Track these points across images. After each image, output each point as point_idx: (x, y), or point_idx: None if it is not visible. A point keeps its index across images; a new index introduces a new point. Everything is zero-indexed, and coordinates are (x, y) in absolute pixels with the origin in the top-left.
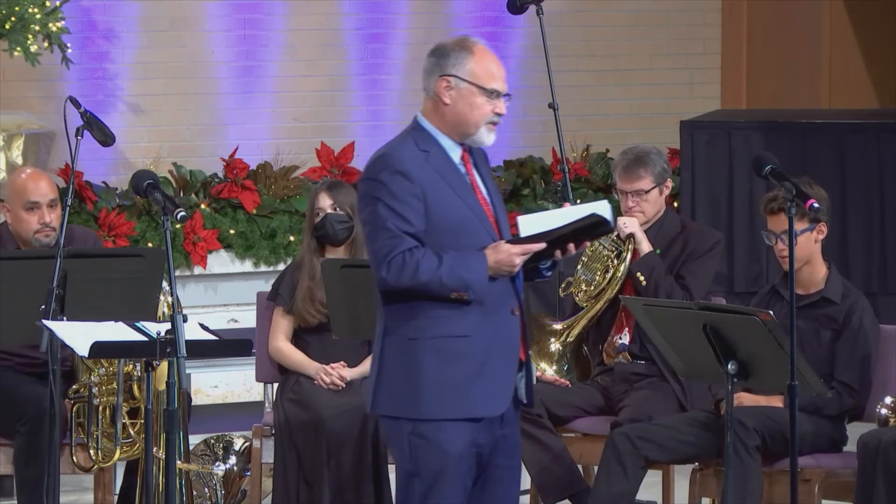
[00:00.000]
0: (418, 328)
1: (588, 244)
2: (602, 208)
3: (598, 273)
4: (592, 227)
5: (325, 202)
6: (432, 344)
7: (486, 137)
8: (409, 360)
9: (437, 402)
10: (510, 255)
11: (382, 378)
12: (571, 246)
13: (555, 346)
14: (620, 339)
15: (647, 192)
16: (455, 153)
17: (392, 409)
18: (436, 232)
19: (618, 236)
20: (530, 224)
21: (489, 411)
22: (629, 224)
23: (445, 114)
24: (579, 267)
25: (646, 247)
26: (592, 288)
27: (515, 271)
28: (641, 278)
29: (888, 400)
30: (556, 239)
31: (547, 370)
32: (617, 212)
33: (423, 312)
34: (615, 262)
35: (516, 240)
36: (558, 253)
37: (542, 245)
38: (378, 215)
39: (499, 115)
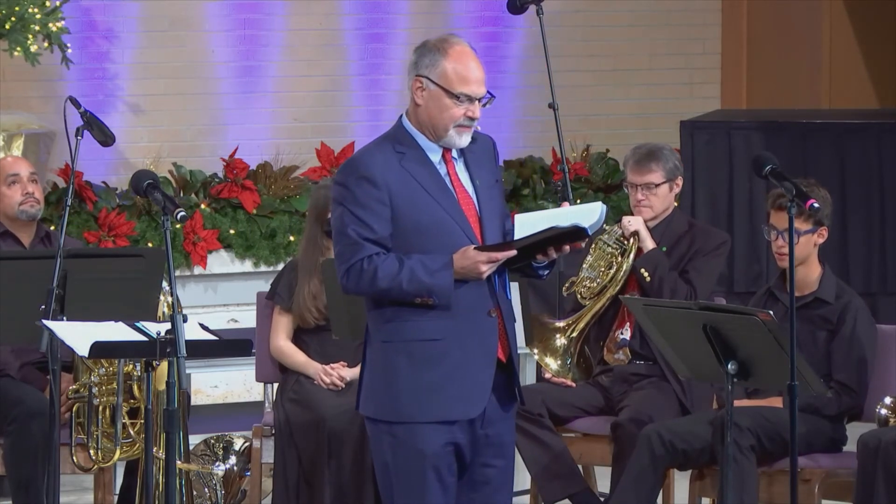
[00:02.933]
0: (392, 332)
1: (580, 246)
2: (595, 210)
3: (602, 270)
4: (568, 235)
5: None
6: (404, 347)
7: (457, 140)
8: (385, 363)
9: (411, 406)
10: (475, 263)
11: (364, 380)
12: (552, 251)
13: (560, 341)
14: (622, 334)
15: (657, 185)
16: (434, 153)
17: (371, 410)
18: (406, 234)
19: (622, 234)
20: (527, 223)
21: (463, 414)
22: (633, 222)
23: (419, 114)
24: (584, 265)
25: (649, 244)
26: (595, 285)
27: (483, 277)
28: (646, 274)
29: (888, 400)
30: (532, 245)
31: (552, 365)
32: (618, 212)
33: (397, 316)
34: (619, 259)
35: (485, 246)
36: (541, 256)
37: (512, 253)
38: (341, 221)
39: (471, 118)
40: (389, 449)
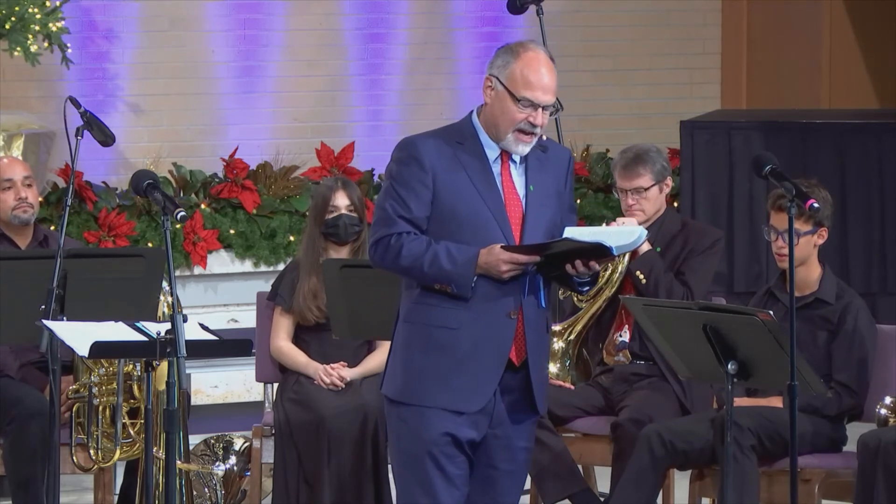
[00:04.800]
0: (414, 313)
1: (599, 267)
2: (633, 233)
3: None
4: (593, 252)
5: (343, 201)
6: (422, 331)
7: (514, 146)
8: (404, 343)
9: (418, 389)
10: (498, 261)
11: (389, 358)
12: (579, 265)
13: (558, 344)
14: (621, 336)
15: (646, 189)
16: (492, 150)
17: (386, 388)
18: (442, 220)
19: None
20: (574, 235)
21: (465, 405)
22: (627, 223)
23: (486, 112)
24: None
25: (644, 245)
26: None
27: (505, 277)
28: (641, 276)
29: (888, 400)
30: (560, 255)
31: (550, 368)
32: (618, 212)
33: (423, 300)
34: (614, 260)
35: (511, 247)
36: (571, 270)
37: (535, 258)
38: (383, 195)
39: (533, 125)
40: (395, 430)
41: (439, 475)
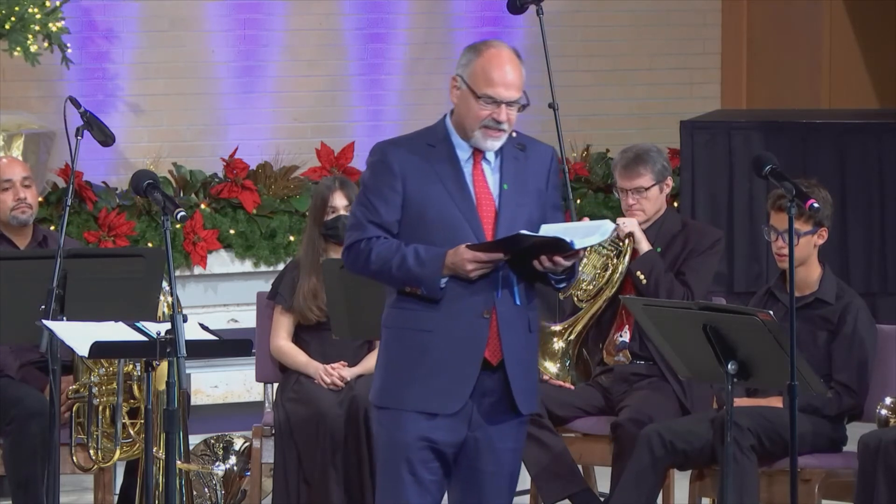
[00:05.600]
0: (392, 318)
1: (566, 263)
2: (600, 227)
3: (598, 272)
4: (554, 247)
5: (341, 202)
6: (398, 334)
7: (483, 142)
8: (383, 347)
9: (395, 392)
10: (463, 260)
11: (376, 364)
12: (544, 260)
13: (558, 344)
14: (621, 336)
15: (647, 189)
16: (464, 151)
17: (370, 393)
18: (412, 224)
19: (617, 236)
20: (549, 232)
21: (441, 408)
22: (628, 223)
23: (455, 112)
24: (580, 267)
25: (645, 246)
26: (592, 287)
27: (472, 276)
28: (641, 277)
29: (888, 400)
30: (527, 252)
31: (550, 368)
32: (618, 213)
33: (399, 304)
34: (614, 260)
35: (475, 245)
36: (538, 266)
37: (499, 255)
38: (356, 201)
39: (498, 122)
40: (376, 433)
41: (412, 480)
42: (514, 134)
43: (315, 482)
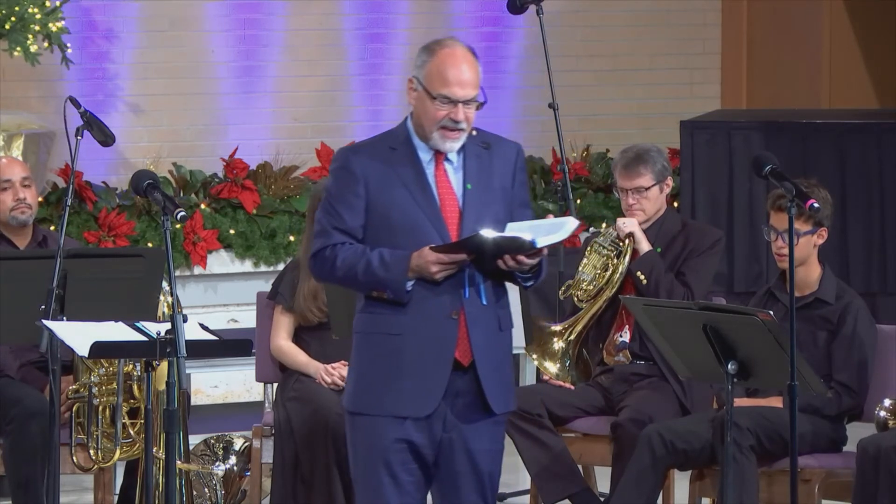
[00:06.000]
0: (361, 323)
1: (530, 262)
2: (563, 224)
3: (598, 272)
4: (517, 246)
5: None
6: (368, 339)
7: (441, 144)
8: (354, 353)
9: (368, 397)
10: (426, 262)
11: (348, 369)
12: (508, 259)
13: (558, 344)
14: (621, 336)
15: (647, 189)
16: (425, 153)
17: (343, 399)
18: (377, 228)
19: (617, 236)
20: (514, 230)
21: (414, 411)
22: (628, 223)
23: (413, 114)
24: (580, 267)
25: (645, 246)
26: (592, 287)
27: (437, 278)
28: (642, 277)
29: (887, 402)
30: (492, 251)
31: (551, 368)
32: (618, 213)
33: (367, 308)
34: (615, 261)
35: (439, 247)
36: (502, 264)
37: (462, 257)
38: (320, 208)
39: (455, 121)
40: (351, 439)
41: (391, 482)
42: (474, 132)
43: (315, 482)
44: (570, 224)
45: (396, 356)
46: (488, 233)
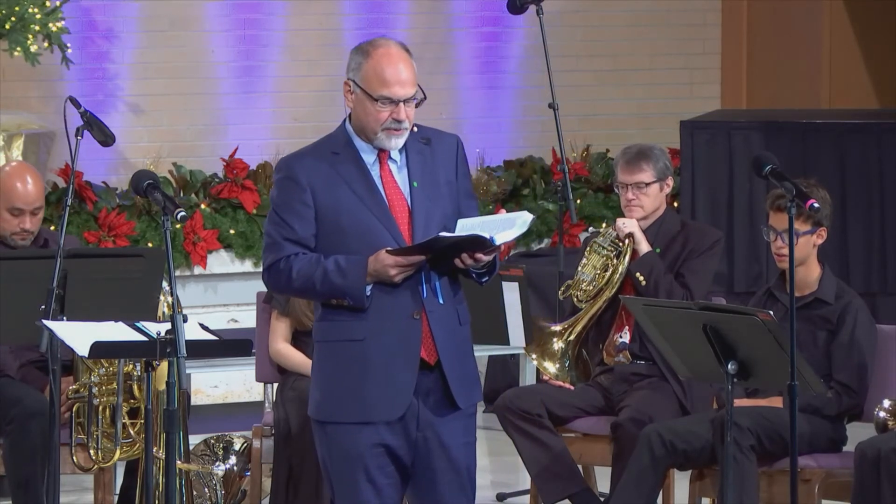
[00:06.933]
0: (322, 331)
1: (487, 258)
2: (517, 220)
3: (597, 273)
4: (475, 244)
5: None
6: (330, 347)
7: (387, 142)
8: (317, 362)
9: (337, 405)
10: (385, 266)
11: (311, 379)
12: (465, 257)
13: (558, 344)
14: (621, 337)
15: (647, 185)
16: (369, 155)
17: (309, 409)
18: (329, 235)
19: (617, 236)
20: (466, 227)
21: (384, 415)
22: (628, 224)
23: (353, 117)
24: (579, 268)
25: (644, 247)
26: (591, 287)
27: (396, 280)
28: (641, 278)
29: (886, 403)
30: (448, 250)
31: (550, 369)
32: (618, 213)
33: (325, 317)
34: (614, 261)
35: (396, 250)
36: (459, 263)
37: (420, 258)
38: (268, 220)
39: (398, 121)
40: (323, 448)
41: (370, 487)
42: (415, 129)
43: (314, 482)
44: (524, 217)
45: (362, 361)
46: (447, 235)
